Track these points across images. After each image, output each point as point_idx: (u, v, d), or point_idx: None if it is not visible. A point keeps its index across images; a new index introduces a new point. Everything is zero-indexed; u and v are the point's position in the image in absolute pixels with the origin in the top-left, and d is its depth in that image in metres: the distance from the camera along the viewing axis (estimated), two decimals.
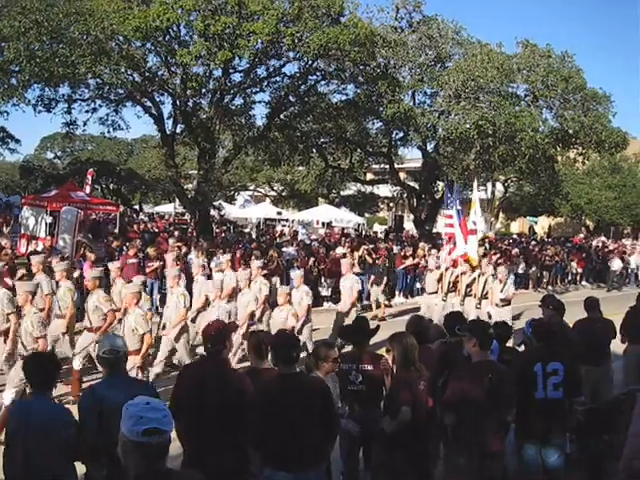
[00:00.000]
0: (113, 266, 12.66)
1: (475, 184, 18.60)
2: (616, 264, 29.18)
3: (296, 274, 13.70)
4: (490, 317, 14.07)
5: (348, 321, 12.54)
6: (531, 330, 7.29)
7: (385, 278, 20.16)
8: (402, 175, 42.50)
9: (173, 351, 11.12)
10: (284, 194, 53.76)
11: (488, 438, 5.65)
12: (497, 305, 14.63)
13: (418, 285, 22.38)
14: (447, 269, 16.19)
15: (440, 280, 16.12)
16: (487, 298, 15.06)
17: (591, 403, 7.68)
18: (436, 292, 16.09)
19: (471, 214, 16.61)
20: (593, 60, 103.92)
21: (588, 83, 27.74)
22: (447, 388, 5.80)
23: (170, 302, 11.40)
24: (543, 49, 27.99)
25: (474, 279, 15.42)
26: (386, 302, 19.93)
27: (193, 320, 11.98)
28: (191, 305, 11.71)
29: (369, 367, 6.34)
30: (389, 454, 5.66)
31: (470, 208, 17.04)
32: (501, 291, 14.66)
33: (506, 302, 14.63)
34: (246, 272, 13.13)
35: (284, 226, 38.89)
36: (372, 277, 19.53)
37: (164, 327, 11.43)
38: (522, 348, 7.70)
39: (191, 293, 12.61)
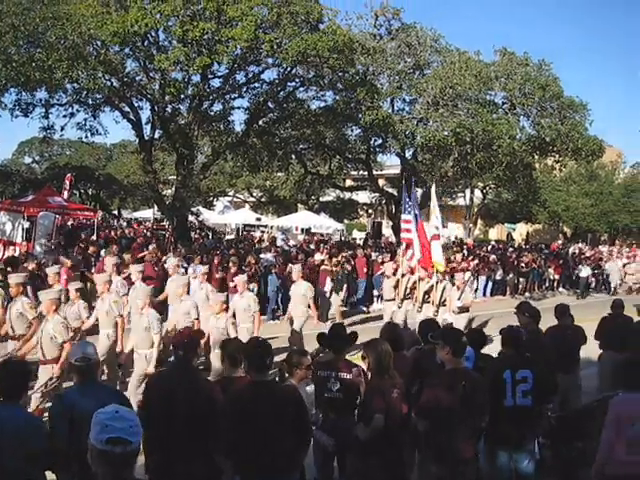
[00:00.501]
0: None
1: (433, 188, 17.52)
2: (585, 271, 29.13)
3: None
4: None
5: (298, 329, 12.62)
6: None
7: (345, 286, 19.57)
8: (381, 182, 42.60)
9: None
10: (263, 200, 53.74)
11: (461, 445, 5.66)
12: (454, 312, 14.03)
13: (375, 292, 21.78)
14: (404, 275, 15.72)
15: (397, 287, 15.63)
16: (445, 305, 14.45)
17: (560, 410, 7.72)
18: (393, 299, 15.66)
19: (432, 219, 15.77)
20: (570, 69, 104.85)
21: (565, 91, 28.03)
22: (421, 395, 5.81)
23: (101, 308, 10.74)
24: (521, 57, 28.25)
25: (432, 286, 14.79)
26: (343, 310, 19.20)
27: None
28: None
29: (347, 375, 6.32)
30: (363, 461, 5.65)
31: (431, 213, 16.14)
32: (458, 298, 14.17)
33: (464, 310, 14.12)
34: (184, 277, 13.04)
35: (263, 232, 38.84)
36: (331, 285, 18.86)
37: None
38: None
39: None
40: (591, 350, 11.02)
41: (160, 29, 20.78)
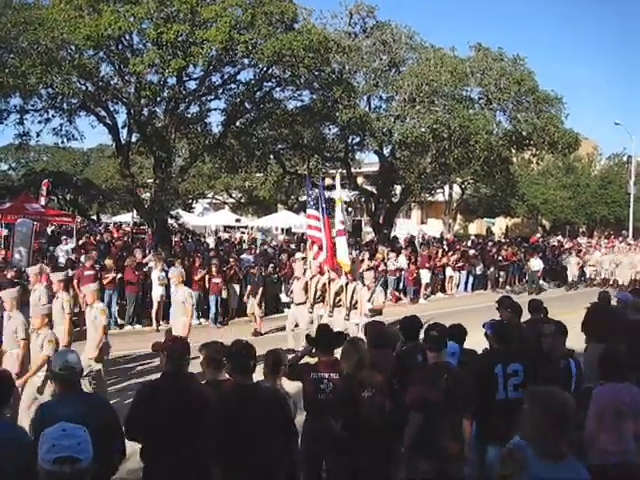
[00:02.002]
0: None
1: (337, 178, 15.75)
2: (536, 264, 28.88)
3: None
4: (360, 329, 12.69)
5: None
6: (492, 331, 7.37)
7: (261, 289, 17.88)
8: (360, 179, 42.65)
9: None
10: (243, 201, 53.62)
11: (446, 441, 5.68)
12: (366, 315, 12.92)
13: (283, 296, 20.06)
14: (313, 277, 14.44)
15: (307, 289, 14.52)
16: (357, 308, 13.42)
17: None
18: (304, 302, 14.50)
19: (337, 213, 14.42)
20: (544, 63, 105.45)
21: (540, 85, 28.23)
22: (408, 391, 5.81)
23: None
24: (495, 52, 28.44)
25: (341, 287, 13.71)
26: (261, 314, 17.89)
27: None
28: None
29: (328, 375, 6.33)
30: (343, 460, 5.65)
31: (336, 206, 14.76)
32: (369, 300, 13.26)
33: (376, 312, 12.98)
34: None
35: (243, 233, 38.78)
36: (249, 288, 18.22)
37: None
38: None
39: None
40: (575, 341, 11.11)
41: (134, 32, 20.60)
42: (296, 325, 14.57)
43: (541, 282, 30.26)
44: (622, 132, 64.93)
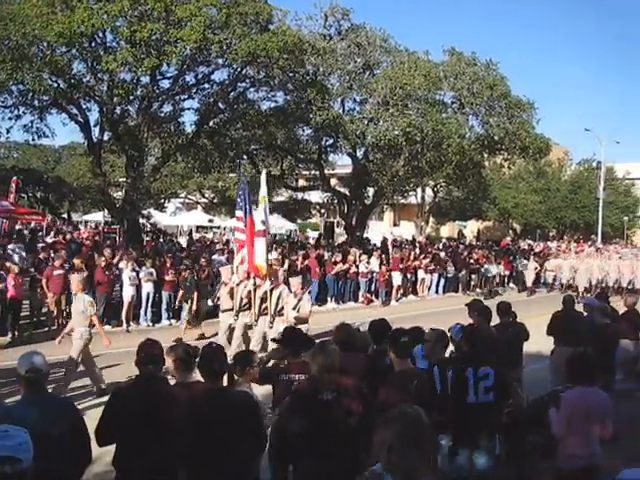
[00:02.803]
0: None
1: (263, 175, 14.28)
2: (492, 269, 28.90)
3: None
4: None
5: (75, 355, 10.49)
6: (462, 335, 7.41)
7: (196, 293, 17.05)
8: (333, 181, 42.67)
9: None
10: (215, 201, 53.39)
11: None
12: (289, 324, 11.57)
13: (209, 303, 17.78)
14: (240, 282, 13.45)
15: (233, 295, 13.56)
16: (282, 315, 12.59)
17: (508, 406, 7.80)
18: (231, 309, 13.53)
19: (259, 211, 13.36)
20: (516, 68, 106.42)
21: (512, 91, 28.51)
22: (379, 396, 5.80)
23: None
24: (469, 57, 28.67)
25: (265, 293, 12.90)
26: (193, 321, 16.91)
27: None
28: None
29: (300, 377, 6.30)
30: (316, 464, 5.62)
31: (259, 205, 13.60)
32: (294, 308, 12.26)
33: (302, 321, 11.91)
34: None
35: (215, 233, 38.65)
36: (180, 292, 17.33)
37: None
38: None
39: None
40: (542, 344, 11.24)
41: (107, 30, 20.42)
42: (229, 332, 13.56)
43: (511, 285, 30.50)
44: (592, 138, 65.62)
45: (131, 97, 22.12)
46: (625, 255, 32.46)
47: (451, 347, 7.33)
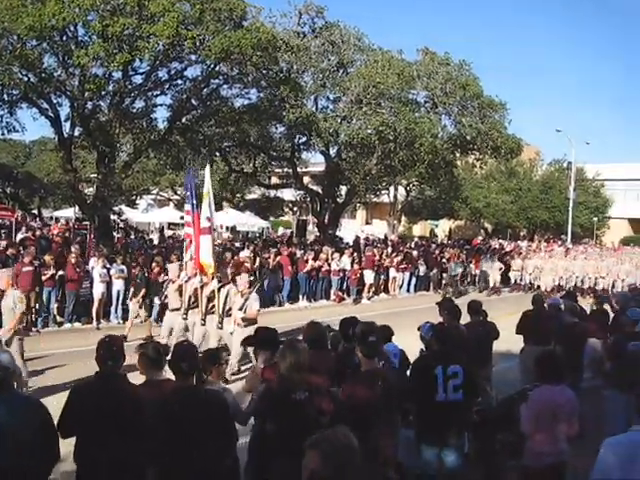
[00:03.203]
0: None
1: (207, 169, 13.83)
2: (455, 268, 28.52)
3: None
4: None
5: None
6: (432, 334, 7.45)
7: (143, 290, 16.39)
8: (306, 179, 42.66)
9: None
10: None
11: (381, 443, 5.69)
12: (239, 325, 11.77)
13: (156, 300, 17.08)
14: (188, 280, 13.01)
15: (182, 293, 13.10)
16: (230, 315, 12.21)
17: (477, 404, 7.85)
18: (179, 308, 13.03)
19: (204, 208, 12.77)
20: (488, 69, 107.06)
21: (484, 91, 28.69)
22: (343, 394, 5.79)
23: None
24: (442, 57, 28.83)
25: (213, 292, 12.43)
26: (147, 317, 16.36)
27: None
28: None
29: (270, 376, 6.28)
30: (290, 464, 5.59)
31: (202, 200, 12.97)
32: (240, 308, 11.86)
33: (250, 322, 11.57)
34: None
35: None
36: (131, 290, 16.70)
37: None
38: None
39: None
40: (513, 343, 11.34)
41: (79, 24, 20.18)
42: (171, 332, 13.07)
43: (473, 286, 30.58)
44: (563, 139, 66.24)
45: (103, 92, 21.86)
46: (590, 255, 32.59)
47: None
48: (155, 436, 4.94)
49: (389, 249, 28.98)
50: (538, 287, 28.83)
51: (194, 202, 12.99)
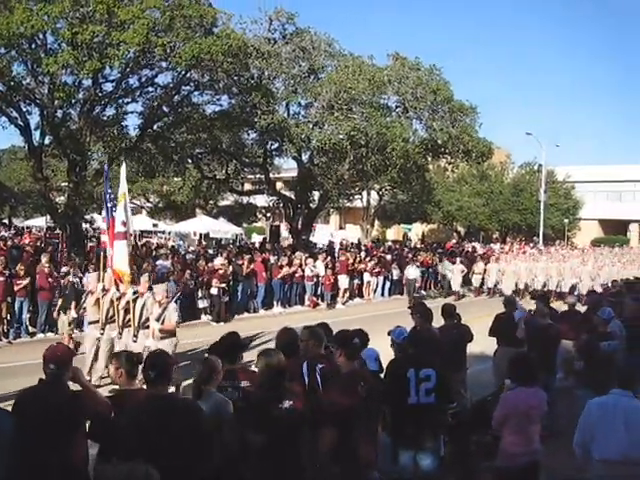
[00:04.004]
0: None
1: (123, 169, 12.84)
2: (413, 272, 27.22)
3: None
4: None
5: None
6: (402, 337, 7.50)
7: (73, 302, 15.44)
8: (279, 185, 42.69)
9: None
10: (160, 205, 52.85)
11: (362, 446, 5.72)
12: (156, 337, 10.99)
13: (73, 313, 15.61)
14: (105, 290, 12.05)
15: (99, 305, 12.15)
16: (148, 327, 11.29)
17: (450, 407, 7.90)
18: (97, 321, 12.15)
19: (119, 211, 11.71)
20: (459, 73, 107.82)
21: (455, 95, 28.89)
22: (324, 399, 5.81)
23: None
24: (412, 62, 28.96)
25: (128, 302, 11.51)
26: (73, 331, 15.33)
27: None
28: None
29: (246, 383, 6.27)
30: (261, 468, 5.58)
31: (118, 203, 11.92)
32: (158, 319, 11.01)
33: (168, 334, 10.97)
34: None
35: (160, 238, 38.27)
36: (59, 301, 16.22)
37: None
38: None
39: None
40: (486, 345, 11.43)
41: (48, 31, 20.05)
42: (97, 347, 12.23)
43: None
44: (533, 142, 66.89)
45: (73, 100, 21.73)
46: (553, 257, 32.22)
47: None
48: (124, 445, 4.92)
49: (362, 254, 29.07)
50: (500, 291, 28.12)
51: (109, 205, 12.03)
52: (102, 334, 11.90)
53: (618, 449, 5.71)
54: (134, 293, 11.66)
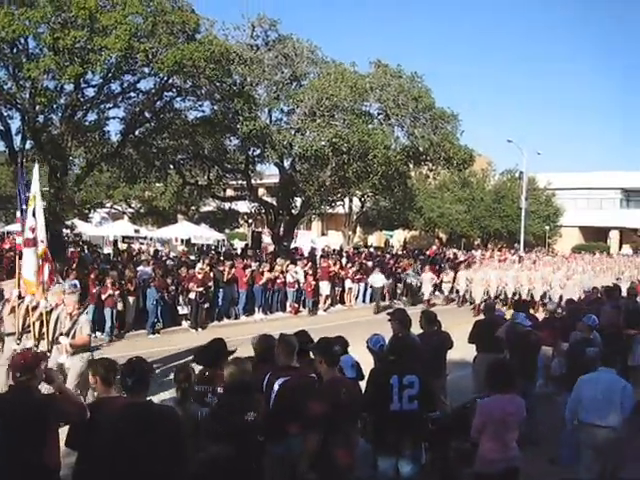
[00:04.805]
0: None
1: (36, 169, 11.23)
2: (378, 280, 26.37)
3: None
4: (63, 369, 9.99)
5: None
6: (379, 345, 7.55)
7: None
8: (261, 191, 42.66)
9: None
10: (142, 211, 52.73)
11: (339, 452, 5.74)
12: (68, 352, 10.11)
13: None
14: (21, 298, 10.61)
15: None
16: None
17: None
18: (14, 333, 10.84)
19: (29, 215, 10.43)
20: (440, 81, 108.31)
21: (436, 103, 29.03)
22: (307, 408, 5.80)
23: None
24: (394, 69, 29.09)
25: (40, 314, 10.31)
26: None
27: None
28: None
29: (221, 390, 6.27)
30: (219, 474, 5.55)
31: (28, 206, 10.57)
32: (67, 332, 10.22)
33: (81, 348, 10.19)
34: None
35: (142, 244, 38.15)
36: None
37: None
38: None
39: None
40: (466, 352, 11.50)
41: (29, 36, 19.99)
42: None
43: (437, 293, 29.88)
44: (514, 149, 67.36)
45: (54, 105, 21.65)
46: (524, 265, 31.31)
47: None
48: (100, 452, 4.92)
49: (344, 260, 29.10)
50: (469, 299, 27.53)
51: (23, 207, 10.85)
52: (18, 344, 10.49)
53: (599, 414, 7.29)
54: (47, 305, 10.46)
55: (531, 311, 16.17)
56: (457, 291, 28.81)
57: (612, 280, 22.01)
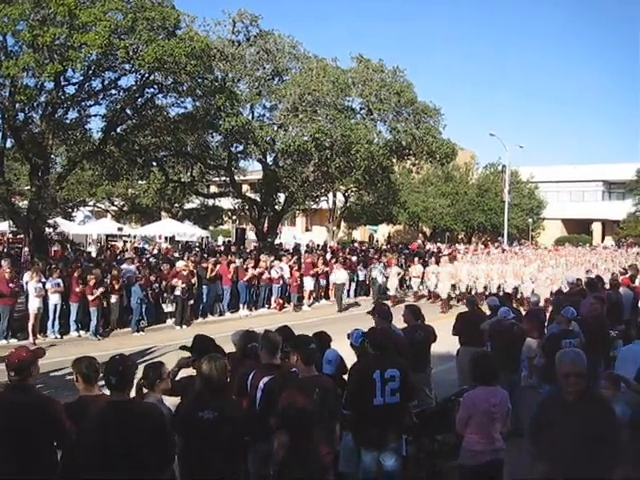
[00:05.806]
0: None
1: None
2: (341, 276, 25.16)
3: None
4: None
5: None
6: (361, 339, 7.54)
7: None
8: (245, 187, 42.58)
9: None
10: (125, 209, 52.52)
11: (320, 449, 5.73)
12: None
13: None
14: None
15: None
16: None
17: (416, 407, 7.93)
18: None
19: None
20: (422, 75, 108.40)
21: (419, 97, 29.10)
22: (279, 403, 5.78)
23: None
24: (376, 64, 29.13)
25: None
26: None
27: None
28: None
29: None
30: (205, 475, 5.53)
31: None
32: None
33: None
34: None
35: (126, 242, 37.97)
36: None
37: None
38: None
39: None
40: (450, 345, 11.54)
41: (8, 34, 19.85)
42: None
43: (421, 287, 29.34)
44: (497, 143, 67.67)
45: (35, 103, 21.50)
46: (495, 258, 30.60)
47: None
48: (82, 452, 4.89)
49: (328, 255, 29.07)
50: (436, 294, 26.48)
51: None
52: None
53: None
54: None
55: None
56: (427, 286, 27.81)
57: (582, 274, 21.63)
